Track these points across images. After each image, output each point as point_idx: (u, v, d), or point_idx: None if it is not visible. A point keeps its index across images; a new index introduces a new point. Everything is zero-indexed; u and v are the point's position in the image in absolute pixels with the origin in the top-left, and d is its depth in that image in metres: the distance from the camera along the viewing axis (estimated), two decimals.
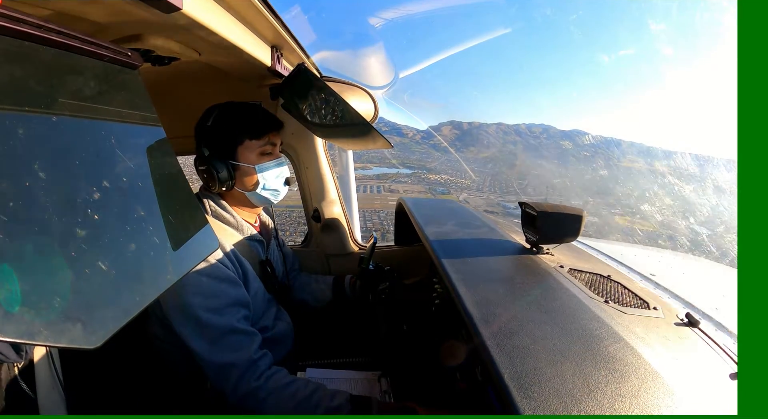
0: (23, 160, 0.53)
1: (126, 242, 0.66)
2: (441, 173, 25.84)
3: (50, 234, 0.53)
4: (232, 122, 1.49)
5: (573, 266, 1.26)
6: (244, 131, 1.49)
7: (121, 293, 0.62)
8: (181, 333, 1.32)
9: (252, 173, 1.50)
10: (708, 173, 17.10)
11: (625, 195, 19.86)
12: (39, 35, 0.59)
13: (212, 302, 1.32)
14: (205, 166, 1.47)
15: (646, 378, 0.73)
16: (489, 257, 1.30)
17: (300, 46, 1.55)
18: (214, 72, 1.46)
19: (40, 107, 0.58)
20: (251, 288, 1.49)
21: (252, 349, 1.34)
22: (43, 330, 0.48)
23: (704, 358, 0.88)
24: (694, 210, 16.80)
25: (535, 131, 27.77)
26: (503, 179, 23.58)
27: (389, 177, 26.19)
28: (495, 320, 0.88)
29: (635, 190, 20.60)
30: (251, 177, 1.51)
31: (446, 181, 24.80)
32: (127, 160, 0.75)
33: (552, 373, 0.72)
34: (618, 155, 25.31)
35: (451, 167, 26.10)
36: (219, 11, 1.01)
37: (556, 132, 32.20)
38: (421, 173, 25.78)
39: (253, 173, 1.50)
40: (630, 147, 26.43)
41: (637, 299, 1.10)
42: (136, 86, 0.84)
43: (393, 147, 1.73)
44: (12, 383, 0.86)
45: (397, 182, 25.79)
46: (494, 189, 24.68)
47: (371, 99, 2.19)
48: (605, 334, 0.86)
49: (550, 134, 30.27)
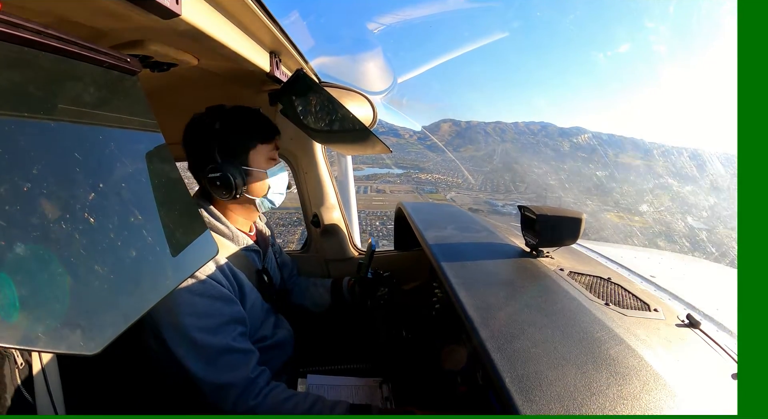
0: (22, 165, 0.53)
1: (125, 247, 0.66)
2: (433, 173, 25.78)
3: (49, 240, 0.53)
4: (244, 125, 1.45)
5: (573, 269, 1.26)
6: (256, 134, 1.45)
7: (120, 299, 0.62)
8: (176, 352, 1.28)
9: (263, 178, 1.47)
10: (708, 171, 17.09)
11: (622, 193, 19.82)
12: (38, 41, 0.59)
13: (206, 321, 1.29)
14: (219, 173, 1.39)
15: (647, 380, 0.73)
16: (489, 261, 1.30)
17: (299, 51, 1.55)
18: (212, 78, 1.46)
19: (39, 113, 0.59)
20: (248, 300, 1.46)
21: (249, 368, 1.31)
22: (42, 337, 0.48)
23: (706, 359, 0.88)
24: (691, 208, 16.79)
25: (533, 128, 27.79)
26: (496, 177, 23.55)
27: (379, 177, 26.08)
28: (495, 324, 0.88)
29: (633, 186, 20.57)
30: (262, 183, 1.48)
31: (436, 180, 24.73)
32: (127, 166, 0.75)
33: (553, 376, 0.72)
34: (615, 151, 25.32)
35: (445, 166, 26.04)
36: (218, 17, 1.01)
37: (555, 129, 32.15)
38: (413, 173, 25.71)
39: (264, 178, 1.47)
40: (628, 143, 26.45)
41: (638, 301, 1.10)
42: (135, 92, 0.85)
43: (392, 151, 1.73)
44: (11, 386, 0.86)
45: (385, 181, 25.67)
46: (485, 188, 24.61)
47: (370, 104, 2.19)
48: (606, 337, 0.86)
49: (548, 132, 30.22)
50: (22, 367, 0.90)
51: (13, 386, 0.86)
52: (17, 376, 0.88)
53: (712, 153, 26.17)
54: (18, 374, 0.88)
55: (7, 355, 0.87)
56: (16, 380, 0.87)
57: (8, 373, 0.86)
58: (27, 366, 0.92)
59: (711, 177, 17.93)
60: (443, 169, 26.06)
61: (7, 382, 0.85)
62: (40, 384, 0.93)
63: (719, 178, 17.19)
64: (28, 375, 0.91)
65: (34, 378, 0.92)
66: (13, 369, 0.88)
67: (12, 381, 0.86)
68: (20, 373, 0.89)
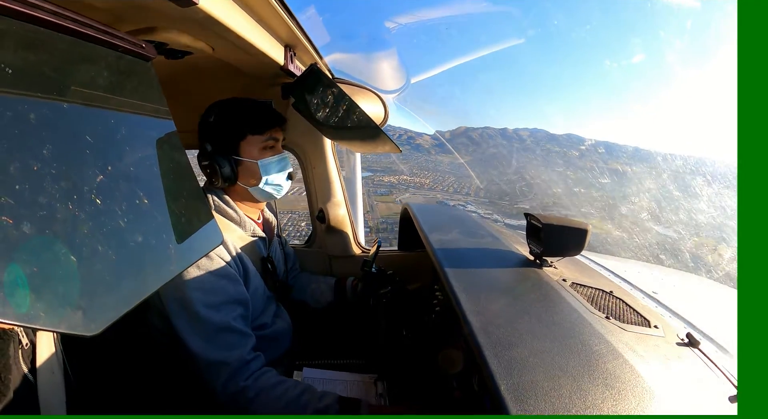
0: (33, 145, 0.53)
1: (131, 231, 0.66)
2: (401, 174, 25.14)
3: (56, 220, 0.53)
4: (234, 117, 1.51)
5: (575, 281, 1.25)
6: (246, 125, 1.50)
7: (123, 282, 0.62)
8: (176, 326, 1.32)
9: (254, 168, 1.51)
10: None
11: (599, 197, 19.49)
12: (55, 22, 0.59)
13: (211, 298, 1.32)
14: (208, 161, 1.49)
15: (643, 396, 0.72)
16: (492, 268, 1.30)
17: (314, 46, 1.56)
18: (226, 68, 1.47)
19: (52, 94, 0.59)
20: (251, 285, 1.49)
21: (245, 350, 1.34)
22: (43, 315, 0.48)
23: (703, 379, 0.87)
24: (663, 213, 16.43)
25: (522, 134, 27.28)
26: (469, 182, 23.14)
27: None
28: (495, 330, 0.88)
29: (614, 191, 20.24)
30: (254, 172, 1.52)
31: (399, 182, 24.14)
32: (137, 151, 0.75)
33: (549, 387, 0.71)
34: (606, 158, 24.86)
35: (421, 168, 25.44)
36: (234, 8, 1.01)
37: (545, 135, 31.52)
38: (376, 177, 24.99)
39: (255, 168, 1.51)
40: (626, 151, 25.98)
41: (639, 316, 1.09)
42: (149, 78, 0.85)
43: (401, 151, 1.72)
44: (15, 366, 0.86)
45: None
46: (447, 189, 24.03)
47: (382, 103, 2.19)
48: (604, 350, 0.85)
49: (536, 138, 29.63)
50: (27, 348, 0.91)
51: (16, 367, 0.87)
52: (20, 357, 0.89)
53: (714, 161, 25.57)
54: (21, 354, 0.89)
55: (12, 336, 0.88)
56: (19, 361, 0.88)
57: (12, 354, 0.86)
58: (31, 346, 0.93)
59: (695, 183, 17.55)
60: (420, 171, 25.50)
61: (12, 363, 0.86)
62: (43, 366, 0.94)
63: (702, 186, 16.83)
64: (32, 356, 0.92)
65: (36, 359, 0.93)
66: (17, 349, 0.88)
67: (15, 361, 0.87)
68: (24, 354, 0.90)
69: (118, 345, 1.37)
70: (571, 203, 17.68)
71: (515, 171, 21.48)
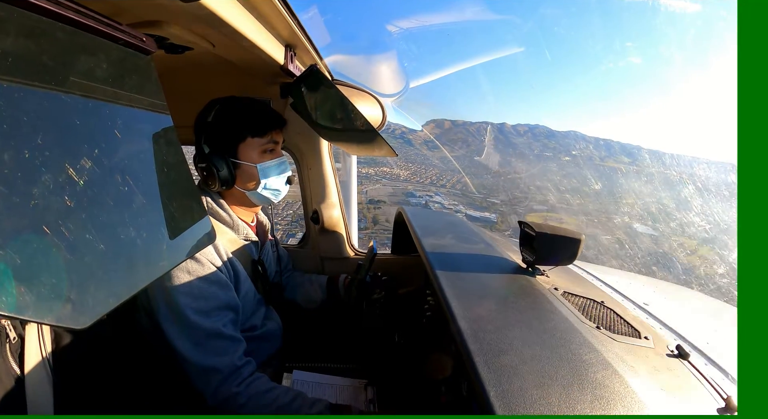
0: (27, 133, 0.53)
1: (123, 225, 0.66)
2: (382, 166, 24.80)
3: (47, 210, 0.53)
4: (234, 118, 1.46)
5: (567, 290, 1.26)
6: (246, 127, 1.45)
7: (113, 277, 0.62)
8: (166, 331, 1.31)
9: (253, 172, 1.47)
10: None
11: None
12: (56, 12, 0.59)
13: (201, 304, 1.31)
14: (205, 163, 1.44)
15: (632, 406, 0.72)
16: (484, 274, 1.30)
17: (314, 47, 1.56)
18: (226, 65, 1.46)
19: (49, 83, 0.58)
20: (242, 289, 1.48)
21: (236, 356, 1.33)
22: (31, 306, 0.48)
23: (692, 391, 0.88)
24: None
25: (520, 130, 27.07)
26: (452, 175, 22.89)
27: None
28: (485, 337, 0.88)
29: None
30: (252, 176, 1.48)
31: (376, 173, 23.77)
32: (132, 144, 0.75)
33: (538, 395, 0.71)
34: (604, 156, 24.72)
35: (408, 160, 25.09)
36: (237, 6, 1.01)
37: (545, 130, 31.28)
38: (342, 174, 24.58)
39: (254, 172, 1.47)
40: (622, 149, 25.82)
41: (629, 327, 1.10)
42: (148, 72, 0.84)
43: (397, 155, 1.73)
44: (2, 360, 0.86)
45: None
46: (423, 181, 23.70)
47: (380, 106, 2.19)
48: (594, 360, 0.85)
49: (535, 134, 29.33)
50: (15, 342, 0.90)
51: (3, 361, 0.86)
52: (8, 351, 0.88)
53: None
54: (9, 348, 0.88)
55: (0, 330, 0.87)
56: (6, 355, 0.87)
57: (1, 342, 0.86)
58: (19, 340, 0.92)
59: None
60: (393, 162, 25.15)
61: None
62: (31, 360, 0.93)
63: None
64: (20, 351, 0.91)
65: (24, 354, 0.92)
66: (4, 343, 0.87)
67: (3, 355, 0.86)
68: (12, 348, 0.89)
69: (106, 340, 1.35)
70: (545, 197, 17.58)
71: (500, 165, 21.35)
